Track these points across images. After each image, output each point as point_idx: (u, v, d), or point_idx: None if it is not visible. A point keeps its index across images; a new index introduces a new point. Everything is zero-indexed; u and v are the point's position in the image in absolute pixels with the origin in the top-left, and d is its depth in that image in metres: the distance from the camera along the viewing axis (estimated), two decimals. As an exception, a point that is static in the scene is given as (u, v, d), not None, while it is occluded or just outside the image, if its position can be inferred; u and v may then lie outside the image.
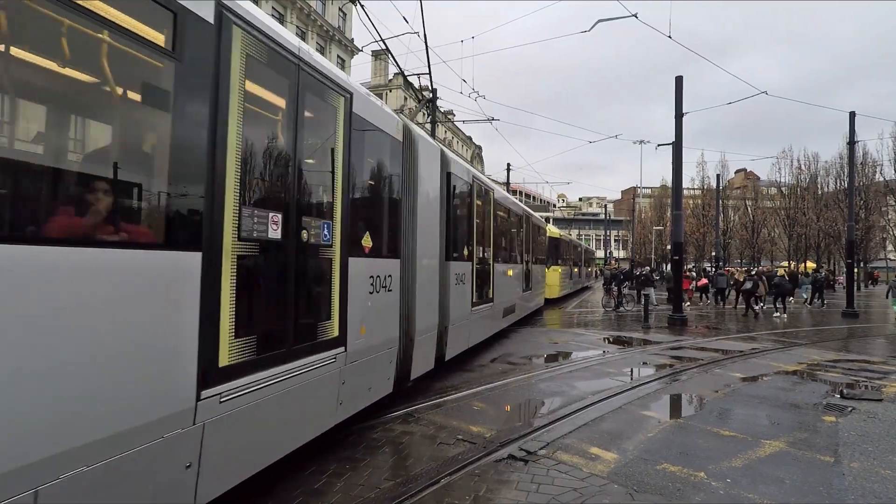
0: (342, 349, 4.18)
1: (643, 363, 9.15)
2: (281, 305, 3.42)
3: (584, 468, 4.14)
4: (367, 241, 4.66)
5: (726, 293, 21.73)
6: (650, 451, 4.58)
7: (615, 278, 21.45)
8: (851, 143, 19.82)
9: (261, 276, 3.26)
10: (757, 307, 17.78)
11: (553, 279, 20.20)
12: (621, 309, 18.85)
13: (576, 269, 27.58)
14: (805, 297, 23.60)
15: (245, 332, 3.00)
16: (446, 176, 7.02)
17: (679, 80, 15.12)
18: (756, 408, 6.09)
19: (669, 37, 13.66)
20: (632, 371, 8.47)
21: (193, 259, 2.64)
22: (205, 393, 2.68)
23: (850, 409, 6.10)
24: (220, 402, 2.80)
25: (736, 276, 22.27)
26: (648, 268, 37.96)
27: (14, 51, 1.95)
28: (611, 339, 12.09)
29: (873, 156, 41.25)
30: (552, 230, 21.81)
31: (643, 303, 15.90)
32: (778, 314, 17.24)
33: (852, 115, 18.96)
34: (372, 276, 4.75)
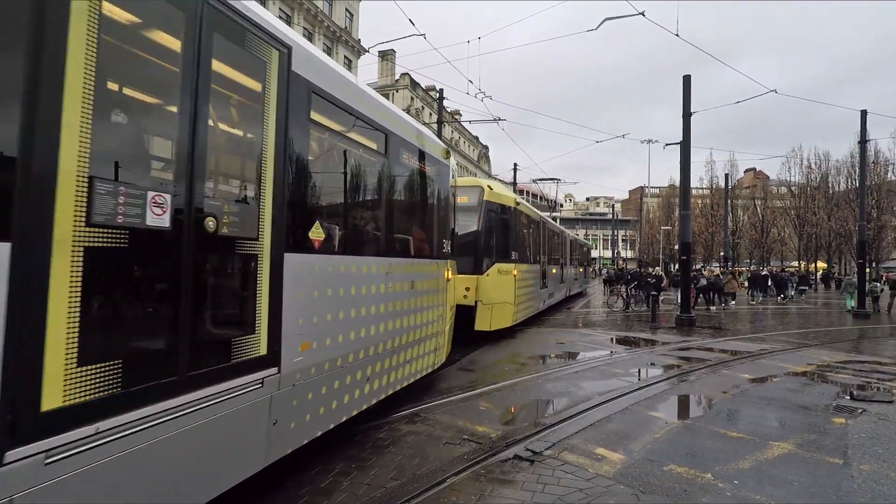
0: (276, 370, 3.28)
1: (650, 364, 9.10)
2: (166, 316, 2.55)
3: (589, 469, 4.13)
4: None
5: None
6: (657, 451, 4.57)
7: (622, 278, 21.54)
8: (863, 141, 19.59)
9: (130, 278, 2.41)
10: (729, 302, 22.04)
11: (499, 288, 10.68)
12: (629, 310, 18.77)
13: (554, 270, 18.11)
14: (791, 294, 26.50)
15: (96, 356, 2.14)
16: None
17: (687, 80, 15.02)
18: (764, 409, 6.05)
19: (677, 35, 13.58)
20: (639, 371, 8.43)
21: None
22: (11, 454, 1.84)
23: (860, 410, 6.04)
24: (45, 465, 1.94)
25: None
26: (659, 268, 37.79)
27: None
28: (618, 340, 12.04)
29: (885, 155, 40.83)
30: (496, 191, 11.44)
31: (651, 303, 15.82)
32: (715, 307, 20.89)
33: (864, 113, 18.74)
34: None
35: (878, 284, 21.70)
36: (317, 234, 3.75)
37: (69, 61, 2.01)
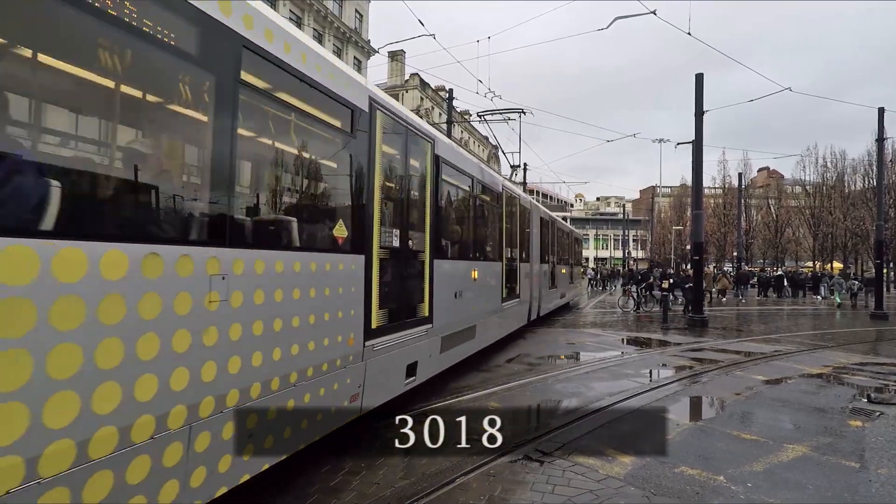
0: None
1: (662, 365, 9.02)
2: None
3: (600, 470, 4.10)
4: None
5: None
6: (669, 453, 4.52)
7: (633, 279, 21.50)
8: (880, 139, 19.24)
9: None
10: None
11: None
12: (640, 310, 18.62)
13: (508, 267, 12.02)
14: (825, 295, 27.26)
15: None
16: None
17: (699, 78, 14.87)
18: (778, 411, 5.96)
19: (689, 33, 13.43)
20: (650, 372, 8.36)
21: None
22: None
23: (878, 413, 5.92)
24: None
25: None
26: (671, 270, 37.58)
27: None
28: (628, 341, 11.94)
29: (903, 153, 39.96)
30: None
31: (662, 304, 15.68)
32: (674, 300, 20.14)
33: (881, 111, 18.41)
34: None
35: (856, 282, 24.86)
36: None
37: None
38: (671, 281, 18.55)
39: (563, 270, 17.56)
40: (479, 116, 13.60)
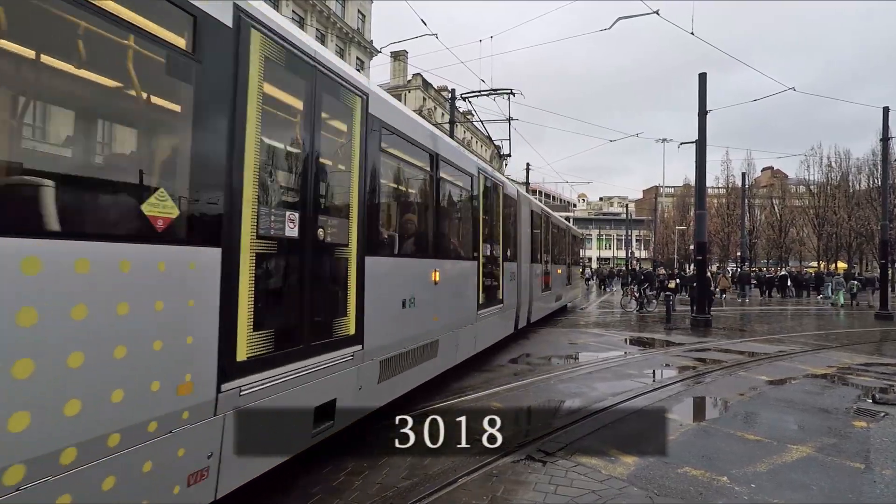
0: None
1: (665, 365, 8.99)
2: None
3: (603, 470, 4.09)
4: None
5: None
6: (672, 454, 4.50)
7: (636, 278, 21.50)
8: (885, 139, 19.17)
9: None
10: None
11: None
12: (643, 310, 18.59)
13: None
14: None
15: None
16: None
17: (703, 77, 14.84)
18: (783, 412, 5.93)
19: (692, 33, 13.40)
20: (653, 373, 8.33)
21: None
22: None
23: (882, 414, 5.89)
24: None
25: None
26: (678, 269, 37.61)
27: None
28: (631, 341, 11.91)
29: (908, 152, 39.74)
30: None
31: (666, 304, 15.64)
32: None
33: (885, 110, 18.31)
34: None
35: (856, 282, 25.45)
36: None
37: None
38: (678, 281, 18.49)
39: (559, 271, 15.85)
40: (463, 98, 12.36)
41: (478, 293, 7.48)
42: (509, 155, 14.67)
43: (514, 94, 12.27)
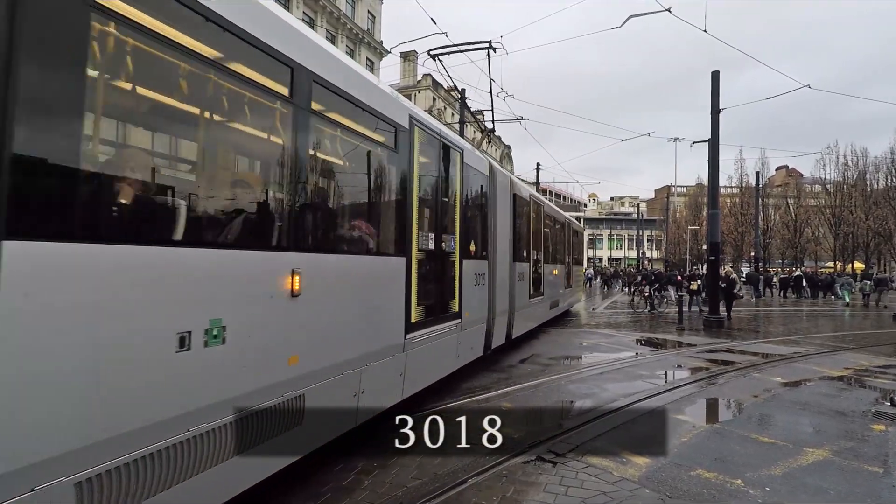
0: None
1: (677, 366, 8.90)
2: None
3: (614, 472, 4.05)
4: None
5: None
6: (684, 456, 4.45)
7: (646, 279, 21.39)
8: (903, 136, 18.76)
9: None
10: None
11: None
12: (654, 311, 18.43)
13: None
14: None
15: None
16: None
17: (716, 76, 14.69)
18: (798, 414, 5.83)
19: (705, 31, 13.25)
20: (665, 374, 8.25)
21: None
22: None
23: (901, 417, 5.77)
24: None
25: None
26: (698, 269, 37.21)
27: None
28: (643, 341, 11.80)
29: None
30: None
31: (679, 305, 15.48)
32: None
33: (904, 107, 17.94)
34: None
35: (868, 283, 25.40)
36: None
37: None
38: (700, 282, 17.97)
39: (555, 272, 13.17)
40: (432, 56, 9.63)
41: (406, 307, 4.98)
42: (493, 131, 11.81)
43: (494, 50, 10.09)
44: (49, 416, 1.97)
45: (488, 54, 10.12)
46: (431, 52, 9.71)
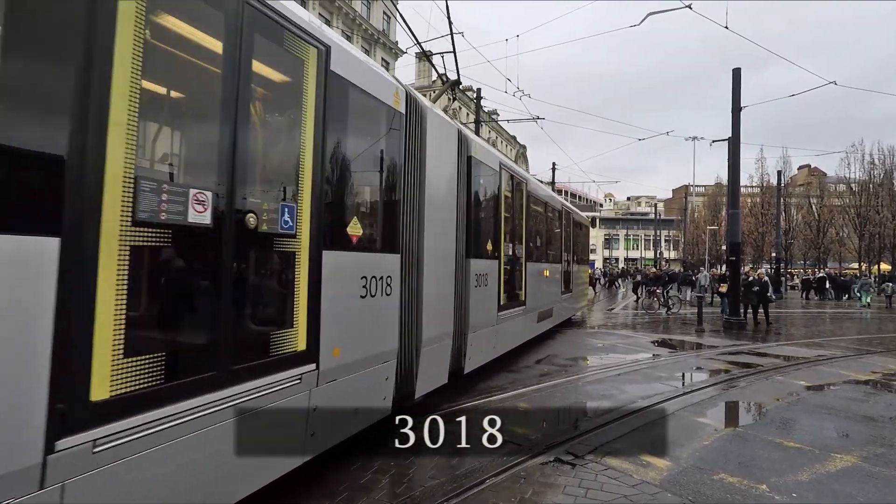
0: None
1: (696, 368, 8.75)
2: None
3: (634, 475, 3.98)
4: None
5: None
6: (706, 459, 4.36)
7: (660, 280, 21.22)
8: (933, 134, 18.20)
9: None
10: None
11: None
12: (669, 312, 18.16)
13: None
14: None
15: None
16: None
17: (737, 73, 14.42)
18: (823, 419, 5.68)
19: (726, 27, 13.01)
20: (684, 376, 8.11)
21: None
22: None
23: (933, 423, 5.58)
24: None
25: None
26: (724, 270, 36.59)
27: None
28: (660, 343, 11.63)
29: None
30: None
31: (698, 305, 15.22)
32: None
33: (934, 103, 17.40)
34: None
35: (891, 284, 25.49)
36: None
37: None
38: (728, 284, 17.46)
39: (546, 273, 10.45)
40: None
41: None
42: (459, 82, 9.19)
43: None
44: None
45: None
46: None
